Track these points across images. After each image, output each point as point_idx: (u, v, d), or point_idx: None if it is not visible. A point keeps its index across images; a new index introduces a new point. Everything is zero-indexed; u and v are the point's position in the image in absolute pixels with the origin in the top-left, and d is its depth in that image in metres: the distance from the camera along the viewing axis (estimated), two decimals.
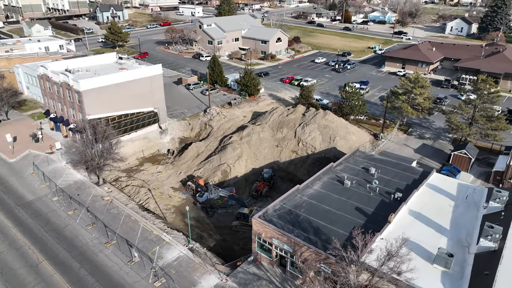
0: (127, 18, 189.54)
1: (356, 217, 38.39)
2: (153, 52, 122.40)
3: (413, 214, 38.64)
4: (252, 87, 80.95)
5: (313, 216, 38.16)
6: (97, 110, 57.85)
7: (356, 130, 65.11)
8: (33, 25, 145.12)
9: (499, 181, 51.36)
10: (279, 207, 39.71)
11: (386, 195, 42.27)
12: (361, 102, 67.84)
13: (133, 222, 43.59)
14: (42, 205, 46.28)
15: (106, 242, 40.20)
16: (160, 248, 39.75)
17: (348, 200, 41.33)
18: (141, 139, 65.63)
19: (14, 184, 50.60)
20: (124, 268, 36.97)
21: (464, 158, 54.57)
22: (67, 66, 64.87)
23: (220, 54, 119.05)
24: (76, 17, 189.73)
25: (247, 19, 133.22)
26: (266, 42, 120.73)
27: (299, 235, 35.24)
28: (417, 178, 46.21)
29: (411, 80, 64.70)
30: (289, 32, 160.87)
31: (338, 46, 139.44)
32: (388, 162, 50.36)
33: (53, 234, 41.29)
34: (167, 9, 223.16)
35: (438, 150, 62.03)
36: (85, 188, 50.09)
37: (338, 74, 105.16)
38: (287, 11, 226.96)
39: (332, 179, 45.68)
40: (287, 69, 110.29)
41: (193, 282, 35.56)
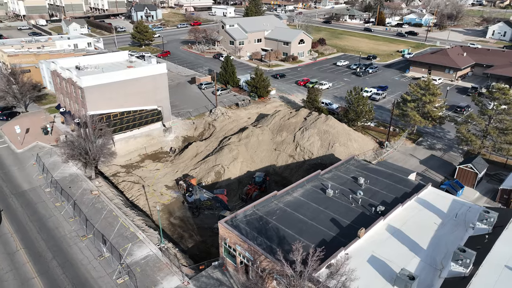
0: (161, 17, 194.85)
1: (328, 228, 36.59)
2: (176, 51, 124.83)
3: (391, 230, 36.19)
4: (261, 88, 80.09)
5: (283, 225, 36.83)
6: (99, 106, 59.68)
7: (360, 137, 62.35)
8: (70, 24, 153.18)
9: (507, 200, 47.01)
10: (251, 213, 38.73)
11: (368, 208, 40.00)
12: (368, 108, 64.86)
13: (113, 217, 44.36)
14: (34, 195, 48.35)
15: (82, 236, 41.21)
16: (132, 245, 40.11)
17: (325, 210, 39.54)
18: (144, 136, 66.92)
19: (15, 173, 53.33)
20: (93, 262, 37.66)
21: (470, 172, 50.50)
22: (78, 63, 67.61)
23: (240, 54, 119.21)
24: (113, 16, 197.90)
25: (272, 20, 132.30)
26: (288, 43, 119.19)
27: (261, 243, 34.12)
28: (409, 192, 43.38)
29: (422, 87, 60.90)
30: (317, 33, 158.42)
31: (365, 49, 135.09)
32: (382, 173, 47.69)
33: (36, 224, 42.96)
34: (200, 9, 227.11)
35: (446, 162, 57.93)
36: (78, 181, 51.73)
37: (358, 78, 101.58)
38: (319, 13, 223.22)
39: (315, 187, 43.96)
40: (306, 71, 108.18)
41: (155, 282, 35.51)
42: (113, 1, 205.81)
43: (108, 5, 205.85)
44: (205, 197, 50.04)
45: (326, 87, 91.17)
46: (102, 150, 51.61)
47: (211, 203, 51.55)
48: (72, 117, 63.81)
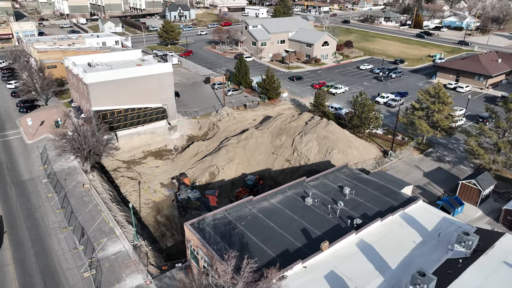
0: (194, 17, 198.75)
1: (296, 238, 35.12)
2: (199, 51, 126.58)
3: (362, 245, 34.09)
4: (271, 90, 79.02)
5: (249, 231, 35.84)
6: (103, 103, 61.61)
7: (362, 144, 59.59)
8: (105, 22, 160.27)
9: (510, 222, 42.79)
10: (221, 217, 38.07)
11: (345, 220, 37.99)
12: (375, 114, 61.83)
13: (97, 211, 45.48)
14: (31, 185, 50.77)
15: (64, 227, 42.61)
16: (108, 240, 40.86)
17: (299, 219, 38.03)
18: (148, 134, 68.22)
19: (20, 163, 56.31)
20: (67, 254, 38.77)
21: (473, 189, 46.53)
22: (91, 60, 70.30)
23: (262, 55, 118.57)
24: (149, 16, 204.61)
25: (297, 22, 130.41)
26: (310, 45, 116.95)
27: (221, 248, 33.37)
28: (395, 206, 40.71)
29: (432, 94, 57.05)
30: (347, 35, 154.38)
31: (394, 53, 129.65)
32: (372, 184, 45.18)
33: (25, 213, 45.03)
34: (234, 10, 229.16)
35: (453, 176, 53.84)
36: (74, 174, 53.66)
37: (379, 83, 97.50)
38: (355, 15, 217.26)
39: (296, 194, 42.46)
40: (326, 74, 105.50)
41: (119, 278, 35.90)
42: (150, 1, 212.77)
43: (145, 5, 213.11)
44: (190, 197, 49.99)
45: (342, 91, 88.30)
46: (97, 145, 53.06)
47: (200, 203, 51.51)
48: (80, 111, 66.44)
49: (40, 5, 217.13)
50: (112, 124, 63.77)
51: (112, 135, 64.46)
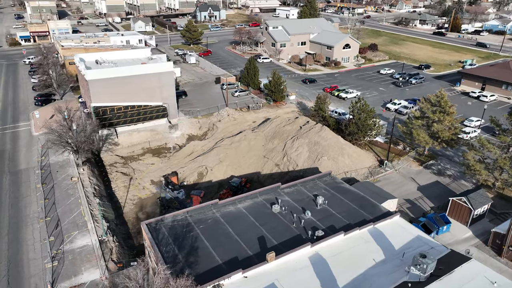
0: (224, 18, 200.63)
1: (250, 246, 34.03)
2: (219, 51, 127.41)
3: (315, 259, 32.38)
4: (276, 93, 77.71)
5: (204, 235, 35.22)
6: (103, 99, 63.47)
7: (356, 152, 56.90)
8: (136, 21, 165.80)
9: (499, 246, 38.89)
10: (181, 218, 37.75)
11: (307, 231, 36.29)
12: (374, 121, 58.85)
13: (76, 204, 46.80)
14: (25, 174, 53.29)
15: (41, 218, 44.24)
16: (78, 233, 41.86)
17: (260, 226, 36.87)
18: (148, 131, 69.47)
19: (21, 153, 59.31)
20: (36, 244, 40.15)
21: (463, 207, 42.82)
22: (100, 57, 72.80)
23: (280, 57, 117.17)
24: (181, 15, 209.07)
25: (320, 23, 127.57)
26: (331, 47, 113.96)
27: (169, 251, 33.03)
28: (367, 220, 38.36)
29: (433, 103, 53.27)
30: (376, 38, 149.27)
31: (422, 57, 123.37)
32: (352, 194, 42.95)
33: (12, 201, 47.28)
34: (266, 11, 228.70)
35: (449, 192, 49.90)
36: (67, 166, 55.62)
37: (396, 89, 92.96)
38: (390, 17, 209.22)
39: (266, 201, 41.24)
40: (343, 78, 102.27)
41: (77, 272, 36.60)
42: (184, 1, 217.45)
43: (179, 5, 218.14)
44: (168, 196, 50.16)
45: (353, 95, 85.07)
46: (87, 140, 54.60)
47: (177, 203, 51.63)
48: (85, 107, 68.97)
49: (82, 4, 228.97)
50: (111, 121, 65.67)
51: (111, 131, 66.41)
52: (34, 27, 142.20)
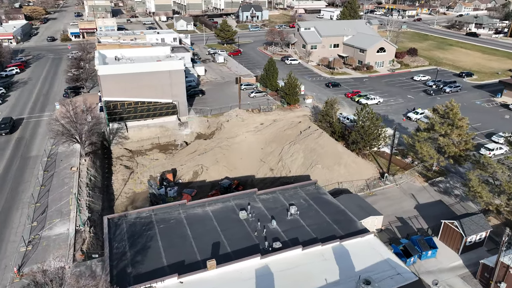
0: (266, 18, 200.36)
1: (202, 251, 33.29)
2: (250, 51, 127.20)
3: (262, 272, 30.78)
4: (290, 95, 75.69)
5: (161, 235, 35.03)
6: (114, 94, 65.94)
7: (356, 162, 53.49)
8: (178, 20, 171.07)
9: (488, 280, 34.26)
10: (145, 216, 37.91)
11: (267, 241, 34.64)
12: (379, 131, 54.93)
13: (67, 193, 48.91)
14: (33, 161, 56.86)
15: (32, 203, 46.85)
16: (59, 221, 43.67)
17: (220, 231, 35.95)
18: (158, 127, 71.01)
19: (37, 140, 63.38)
20: (19, 228, 42.49)
21: (455, 232, 38.37)
22: (120, 54, 75.90)
23: (310, 59, 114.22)
24: (225, 15, 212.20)
25: (356, 25, 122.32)
26: (363, 51, 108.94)
27: (119, 247, 33.21)
28: (337, 236, 35.76)
29: (443, 114, 48.42)
30: (421, 42, 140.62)
31: (466, 64, 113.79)
32: (330, 207, 40.48)
33: (13, 185, 50.62)
34: (311, 12, 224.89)
35: (450, 213, 45.07)
36: (72, 156, 58.39)
37: (426, 97, 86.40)
38: (441, 20, 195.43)
39: (237, 206, 40.15)
40: (371, 83, 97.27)
41: (45, 258, 37.75)
42: (229, 1, 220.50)
43: (224, 5, 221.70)
44: (155, 193, 50.71)
45: (375, 102, 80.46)
46: (90, 133, 56.94)
47: (174, 199, 52.25)
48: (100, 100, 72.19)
49: (135, 3, 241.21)
50: (122, 115, 68.06)
51: (122, 125, 68.81)
52: (84, 24, 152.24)
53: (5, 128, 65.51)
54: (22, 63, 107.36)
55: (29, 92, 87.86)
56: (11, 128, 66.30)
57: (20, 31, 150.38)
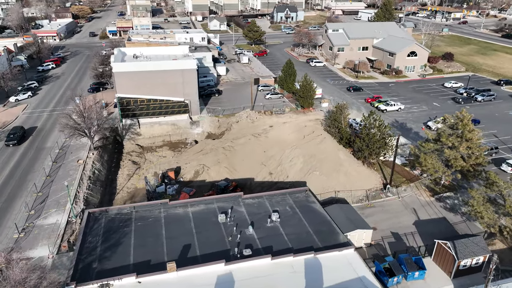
0: (301, 19, 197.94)
1: (170, 252, 33.10)
2: (276, 52, 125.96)
3: (223, 279, 30.09)
4: (304, 98, 73.85)
5: (136, 234, 35.26)
6: (127, 91, 67.67)
7: (358, 171, 50.91)
8: (212, 20, 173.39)
9: None
10: (126, 212, 38.34)
11: (240, 247, 33.76)
12: (388, 139, 51.91)
13: (69, 184, 50.81)
14: (45, 152, 59.68)
15: (35, 192, 49.16)
16: (55, 211, 45.43)
17: (195, 234, 35.61)
18: (169, 125, 72.13)
19: (54, 133, 66.46)
20: (19, 215, 44.59)
21: (448, 254, 35.21)
22: (139, 52, 78.00)
23: (336, 62, 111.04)
24: (261, 16, 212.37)
25: (389, 27, 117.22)
26: (393, 54, 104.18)
27: (92, 241, 33.75)
28: (314, 248, 34.10)
29: (453, 126, 44.72)
30: (463, 47, 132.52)
31: (509, 72, 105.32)
32: (316, 216, 38.84)
33: (22, 174, 53.46)
34: (349, 13, 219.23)
35: (453, 233, 41.53)
36: (82, 149, 60.66)
37: (454, 106, 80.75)
38: (488, 23, 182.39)
39: (220, 209, 39.58)
40: (397, 88, 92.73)
41: (34, 246, 39.70)
42: (265, 2, 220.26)
43: (260, 5, 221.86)
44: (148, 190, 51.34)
45: (395, 108, 76.53)
46: (98, 127, 58.91)
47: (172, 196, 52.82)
48: None
49: (175, 3, 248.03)
50: (135, 111, 69.84)
51: (135, 121, 70.59)
52: (121, 23, 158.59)
53: (14, 139, 61.08)
54: (58, 59, 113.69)
55: (59, 86, 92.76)
56: (20, 139, 62.04)
57: (64, 29, 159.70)
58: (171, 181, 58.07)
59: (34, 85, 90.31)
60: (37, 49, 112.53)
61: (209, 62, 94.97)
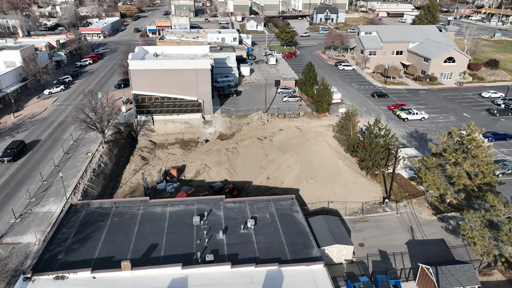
0: (342, 21, 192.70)
1: (136, 251, 33.37)
2: (306, 54, 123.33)
3: (176, 282, 29.79)
4: (318, 103, 71.46)
5: (109, 229, 35.98)
6: (142, 88, 69.55)
7: (356, 183, 48.05)
8: (249, 21, 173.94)
9: None
10: (106, 207, 39.19)
11: (205, 251, 33.19)
12: (392, 149, 48.53)
13: (72, 175, 53.16)
14: (59, 143, 62.81)
15: (41, 181, 51.92)
16: (53, 200, 47.60)
17: (164, 234, 35.63)
18: (182, 123, 73.20)
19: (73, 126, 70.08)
20: (20, 201, 47.34)
21: (430, 281, 32.02)
22: (161, 51, 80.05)
23: (367, 66, 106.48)
24: (301, 17, 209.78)
25: (428, 31, 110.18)
26: (428, 60, 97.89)
27: (65, 233, 34.79)
28: (281, 259, 32.62)
29: (461, 140, 40.66)
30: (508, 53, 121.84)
31: None
32: (295, 227, 37.32)
33: (34, 163, 56.68)
34: (394, 15, 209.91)
35: (448, 257, 37.80)
36: (93, 143, 63.28)
37: (487, 117, 74.10)
38: None
39: (199, 210, 39.34)
40: (427, 96, 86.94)
41: (25, 232, 41.84)
42: (307, 3, 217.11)
43: (302, 6, 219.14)
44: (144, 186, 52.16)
45: (418, 117, 71.66)
46: (108, 122, 61.06)
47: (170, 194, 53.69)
48: None
49: (218, 3, 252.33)
50: (149, 108, 71.62)
51: (149, 118, 72.42)
52: (160, 22, 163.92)
53: (9, 154, 55.90)
54: (96, 55, 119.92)
55: (91, 81, 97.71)
56: (16, 155, 56.70)
57: (109, 27, 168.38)
58: (173, 178, 58.83)
59: (68, 79, 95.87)
60: (78, 46, 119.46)
61: (232, 62, 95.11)
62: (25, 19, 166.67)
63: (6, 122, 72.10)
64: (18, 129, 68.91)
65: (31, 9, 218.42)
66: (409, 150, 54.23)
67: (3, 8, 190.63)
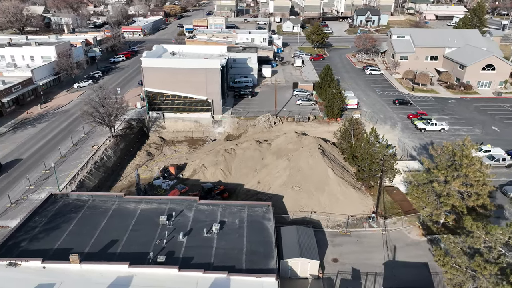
0: (384, 23, 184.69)
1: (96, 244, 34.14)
2: (335, 57, 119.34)
3: (121, 280, 29.83)
4: (328, 107, 68.73)
5: (80, 221, 37.18)
6: (154, 85, 71.14)
7: (345, 194, 45.32)
8: (285, 22, 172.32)
9: None
10: (83, 199, 40.42)
11: (161, 252, 33.06)
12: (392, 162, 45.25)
13: (74, 166, 55.61)
14: (75, 135, 66.13)
15: (44, 170, 54.83)
16: (50, 188, 49.77)
17: (128, 231, 36.02)
18: (192, 122, 73.97)
19: None
20: (21, 187, 50.36)
21: None
22: (179, 49, 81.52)
23: (397, 71, 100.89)
24: (342, 19, 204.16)
25: (469, 35, 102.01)
26: (463, 67, 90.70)
27: (36, 221, 36.25)
28: (237, 268, 31.59)
29: (451, 156, 36.81)
30: None
31: None
32: (261, 235, 36.31)
33: (45, 152, 60.07)
34: (442, 18, 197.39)
35: (425, 283, 34.38)
36: (102, 136, 65.85)
37: None
38: None
39: (170, 210, 39.35)
40: (456, 106, 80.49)
41: (16, 217, 44.31)
42: (349, 4, 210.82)
43: (344, 8, 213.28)
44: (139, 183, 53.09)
45: (437, 128, 66.44)
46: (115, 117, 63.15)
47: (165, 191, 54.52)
48: None
49: (260, 4, 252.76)
50: (160, 106, 73.16)
51: (160, 115, 73.98)
52: (197, 22, 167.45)
53: None
54: (130, 53, 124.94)
55: (119, 77, 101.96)
56: None
57: (150, 26, 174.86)
58: (171, 176, 59.55)
59: (98, 74, 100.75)
60: (113, 43, 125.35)
61: (253, 63, 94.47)
62: (76, 17, 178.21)
63: (33, 112, 77.28)
64: (41, 119, 73.57)
65: (85, 7, 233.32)
66: (412, 163, 50.28)
67: (58, 6, 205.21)
